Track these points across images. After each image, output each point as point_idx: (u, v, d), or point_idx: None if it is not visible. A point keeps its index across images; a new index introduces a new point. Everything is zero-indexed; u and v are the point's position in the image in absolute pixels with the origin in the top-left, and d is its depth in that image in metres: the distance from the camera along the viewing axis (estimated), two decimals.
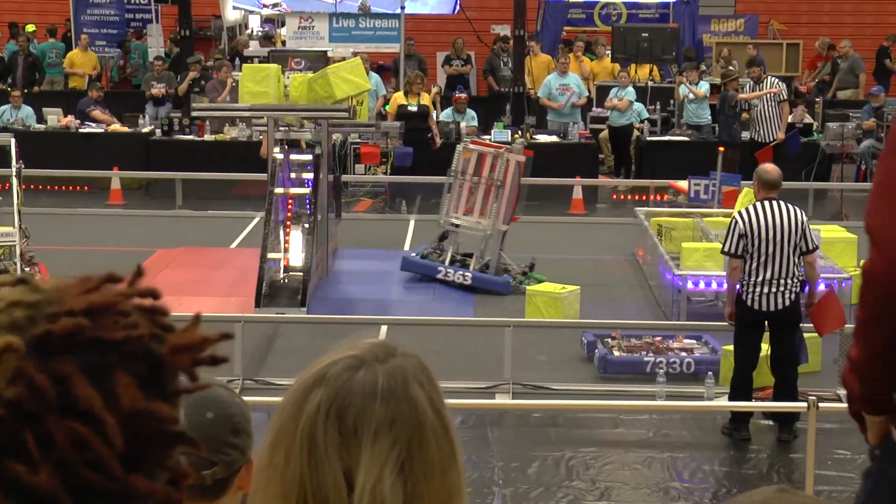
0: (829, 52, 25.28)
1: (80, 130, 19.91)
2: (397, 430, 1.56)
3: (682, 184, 16.42)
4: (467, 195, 13.55)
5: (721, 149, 16.31)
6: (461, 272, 13.19)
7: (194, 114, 17.94)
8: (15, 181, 12.84)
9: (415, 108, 17.98)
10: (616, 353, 10.68)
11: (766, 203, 9.12)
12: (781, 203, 9.13)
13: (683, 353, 10.68)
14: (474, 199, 13.49)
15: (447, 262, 13.32)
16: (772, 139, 18.12)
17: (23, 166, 13.00)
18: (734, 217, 9.37)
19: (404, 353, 1.66)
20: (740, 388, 9.20)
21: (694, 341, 10.98)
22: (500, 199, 13.35)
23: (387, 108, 18.90)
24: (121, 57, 25.63)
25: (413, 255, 13.71)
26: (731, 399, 9.32)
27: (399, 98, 18.46)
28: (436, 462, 1.59)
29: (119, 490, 1.19)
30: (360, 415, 1.56)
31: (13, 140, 13.06)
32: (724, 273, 10.00)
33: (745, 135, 18.95)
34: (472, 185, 13.49)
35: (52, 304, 1.23)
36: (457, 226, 13.50)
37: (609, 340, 10.90)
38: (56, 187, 18.31)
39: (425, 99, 18.55)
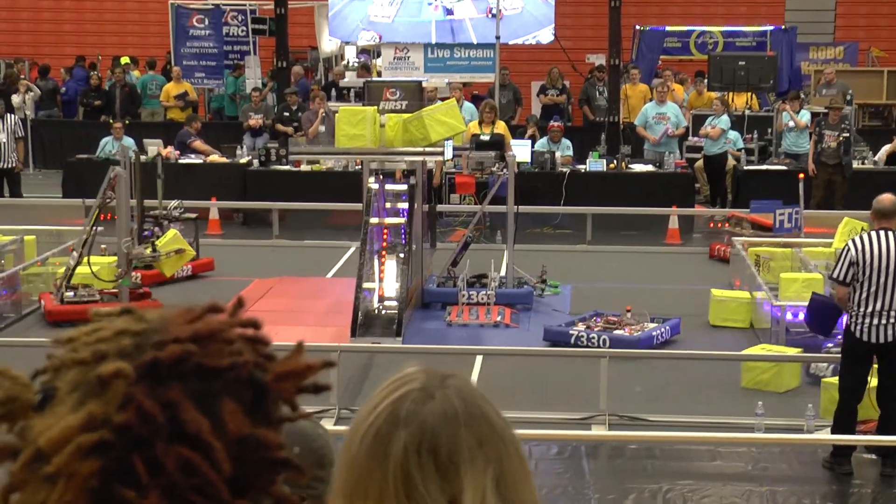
0: None
1: (180, 161, 20.21)
2: (486, 448, 1.55)
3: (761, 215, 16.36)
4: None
5: (801, 176, 16.20)
6: (483, 292, 13.38)
7: (292, 157, 18.16)
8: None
9: (488, 137, 17.87)
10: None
11: (882, 233, 8.96)
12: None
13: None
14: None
15: (465, 286, 13.51)
16: None
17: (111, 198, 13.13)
18: (847, 244, 9.22)
19: (450, 373, 1.64)
20: (844, 421, 9.02)
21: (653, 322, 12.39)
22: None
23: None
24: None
25: (430, 285, 13.87)
26: (834, 431, 9.14)
27: (473, 127, 18.41)
28: (519, 472, 1.58)
29: None
30: (452, 443, 1.55)
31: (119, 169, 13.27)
32: None
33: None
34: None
35: (157, 332, 1.24)
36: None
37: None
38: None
39: (500, 127, 18.48)
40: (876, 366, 9.06)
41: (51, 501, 1.17)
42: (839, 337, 10.86)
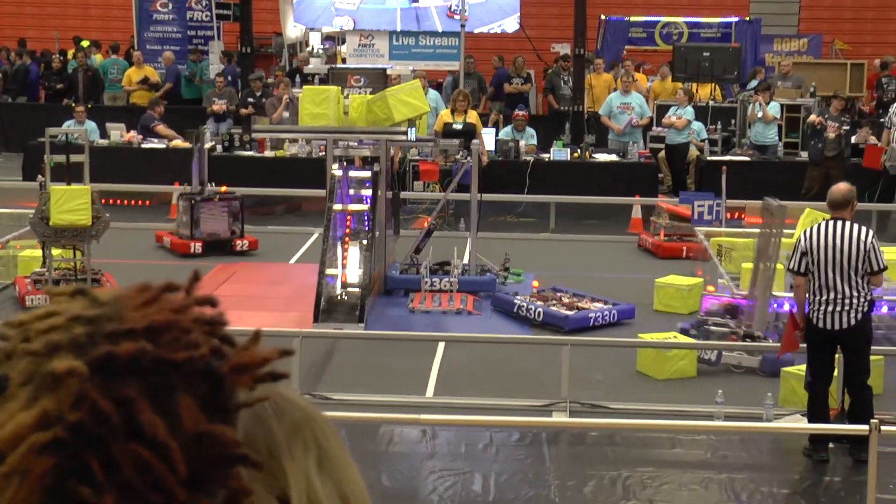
0: (881, 71, 25.04)
1: (143, 146, 20.09)
2: (302, 433, 1.54)
3: (679, 204, 16.49)
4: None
5: (723, 168, 16.30)
6: (446, 279, 13.48)
7: (255, 135, 18.11)
8: None
9: (460, 126, 17.83)
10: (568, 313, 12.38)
11: (832, 223, 9.04)
12: (847, 223, 9.02)
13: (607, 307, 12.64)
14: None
15: (428, 273, 13.61)
16: None
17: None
18: (799, 235, 9.32)
19: None
20: (816, 408, 9.07)
21: (601, 302, 12.83)
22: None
23: None
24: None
25: (393, 272, 13.93)
26: (809, 420, 9.18)
27: (445, 116, 18.35)
28: (339, 450, 1.57)
29: None
30: (268, 439, 1.53)
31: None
32: (786, 293, 9.93)
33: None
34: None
35: (111, 320, 1.23)
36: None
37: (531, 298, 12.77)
38: (118, 202, 18.48)
39: (472, 117, 18.46)
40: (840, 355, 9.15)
41: (5, 499, 1.16)
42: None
